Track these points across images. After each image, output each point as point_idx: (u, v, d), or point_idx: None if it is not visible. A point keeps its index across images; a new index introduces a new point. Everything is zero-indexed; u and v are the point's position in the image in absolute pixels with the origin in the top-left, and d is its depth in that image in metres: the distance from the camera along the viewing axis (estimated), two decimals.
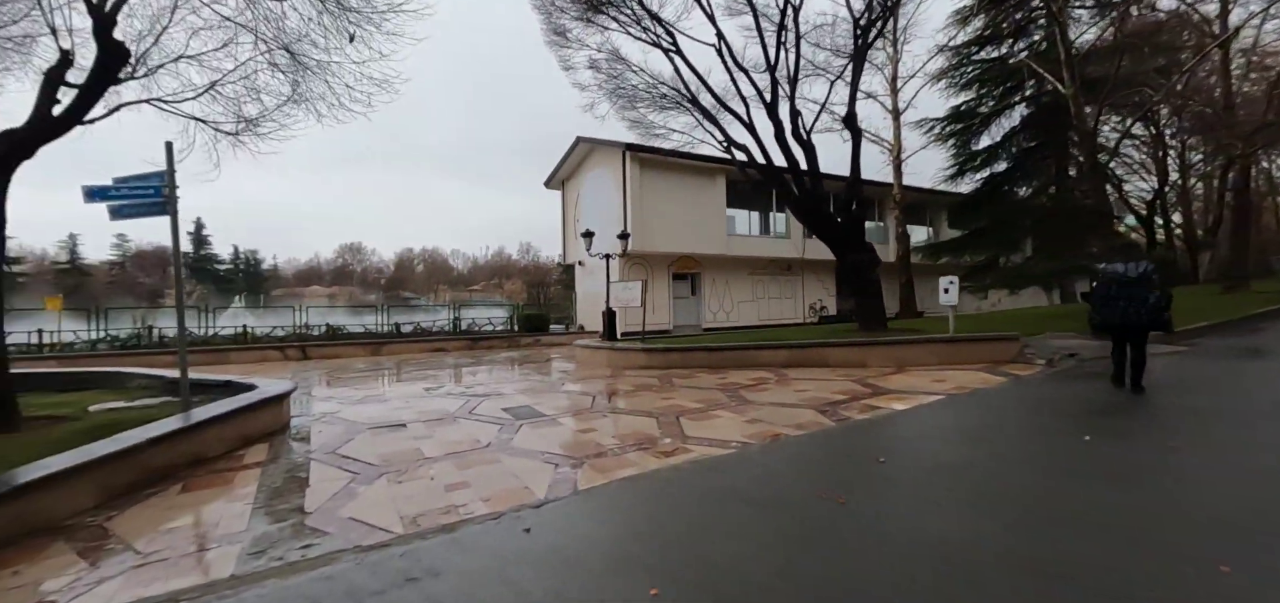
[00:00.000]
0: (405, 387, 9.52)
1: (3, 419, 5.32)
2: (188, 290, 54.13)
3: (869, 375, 8.64)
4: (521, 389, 8.79)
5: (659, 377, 9.58)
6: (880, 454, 4.57)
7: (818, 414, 6.32)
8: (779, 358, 10.03)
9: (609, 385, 8.94)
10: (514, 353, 16.48)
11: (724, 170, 20.67)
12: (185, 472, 5.00)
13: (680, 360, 10.53)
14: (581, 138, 20.46)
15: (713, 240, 20.62)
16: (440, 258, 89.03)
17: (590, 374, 10.46)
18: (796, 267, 23.98)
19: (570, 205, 23.39)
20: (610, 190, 19.74)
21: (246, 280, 71.02)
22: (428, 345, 16.63)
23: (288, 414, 6.70)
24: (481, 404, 7.59)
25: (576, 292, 22.81)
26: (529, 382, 9.72)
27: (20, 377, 8.44)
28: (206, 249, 71.67)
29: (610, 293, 13.06)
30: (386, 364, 13.70)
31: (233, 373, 12.37)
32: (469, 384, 9.62)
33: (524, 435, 5.85)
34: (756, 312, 22.93)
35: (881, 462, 4.38)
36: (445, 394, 8.49)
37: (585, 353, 12.50)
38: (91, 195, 5.24)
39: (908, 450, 4.74)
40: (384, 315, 18.12)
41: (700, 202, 20.37)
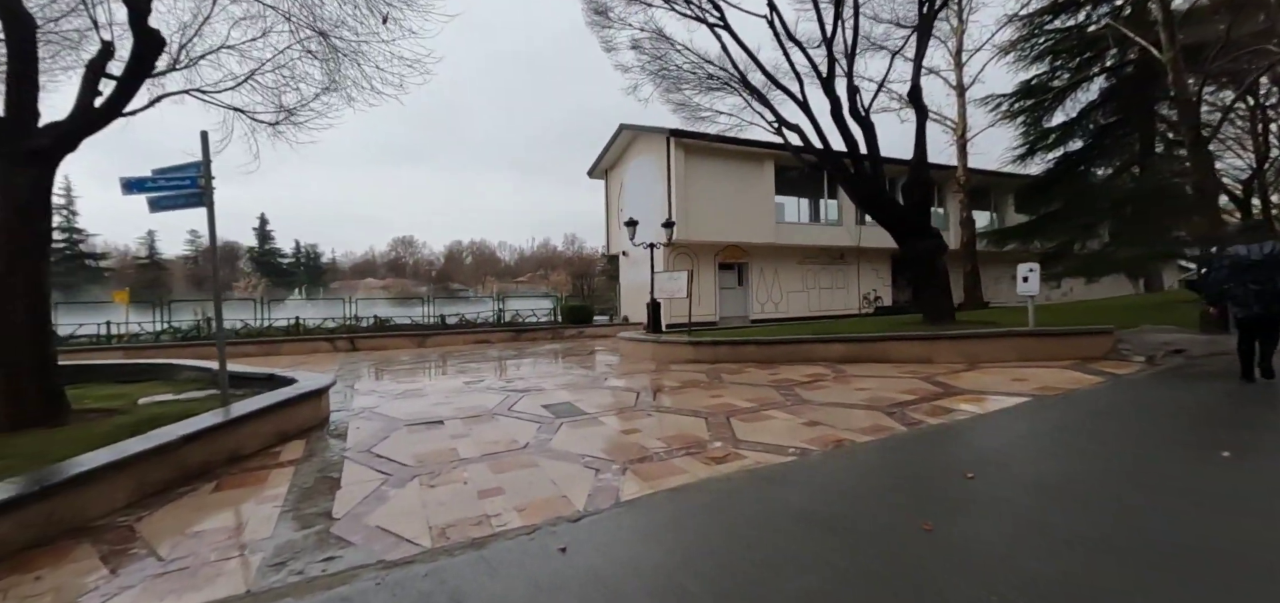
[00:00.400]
0: (446, 380, 9.38)
1: (52, 413, 5.35)
2: (253, 283, 56.65)
3: (937, 373, 7.90)
4: (563, 384, 8.48)
5: (706, 372, 9.09)
6: (966, 469, 3.96)
7: (884, 417, 5.71)
8: (836, 352, 9.37)
9: (654, 381, 8.52)
10: (557, 345, 16.29)
11: (772, 155, 19.84)
12: (221, 469, 4.88)
13: (729, 354, 10.01)
14: (624, 125, 20.04)
15: (761, 228, 19.86)
16: (488, 250, 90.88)
17: (634, 369, 10.08)
18: (849, 255, 22.90)
19: (613, 195, 23.03)
20: (654, 178, 19.26)
21: (306, 273, 74.38)
22: (472, 337, 16.65)
23: (326, 409, 6.59)
24: (521, 400, 7.31)
25: (620, 283, 22.49)
26: (571, 376, 9.42)
27: (88, 368, 8.75)
28: (270, 244, 75.18)
29: (655, 284, 12.63)
30: (431, 356, 13.73)
31: (284, 364, 12.63)
32: (510, 378, 9.40)
33: (564, 436, 5.50)
34: (807, 302, 22.03)
35: (970, 478, 3.78)
36: (485, 389, 8.27)
37: (629, 346, 12.13)
38: (129, 187, 5.19)
39: (998, 465, 4.11)
40: (430, 307, 18.28)
41: (747, 188, 19.63)
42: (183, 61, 6.40)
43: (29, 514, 3.57)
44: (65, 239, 61.40)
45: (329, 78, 6.73)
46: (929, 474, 3.99)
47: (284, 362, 12.94)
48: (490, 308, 19.43)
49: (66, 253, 60.97)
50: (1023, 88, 20.97)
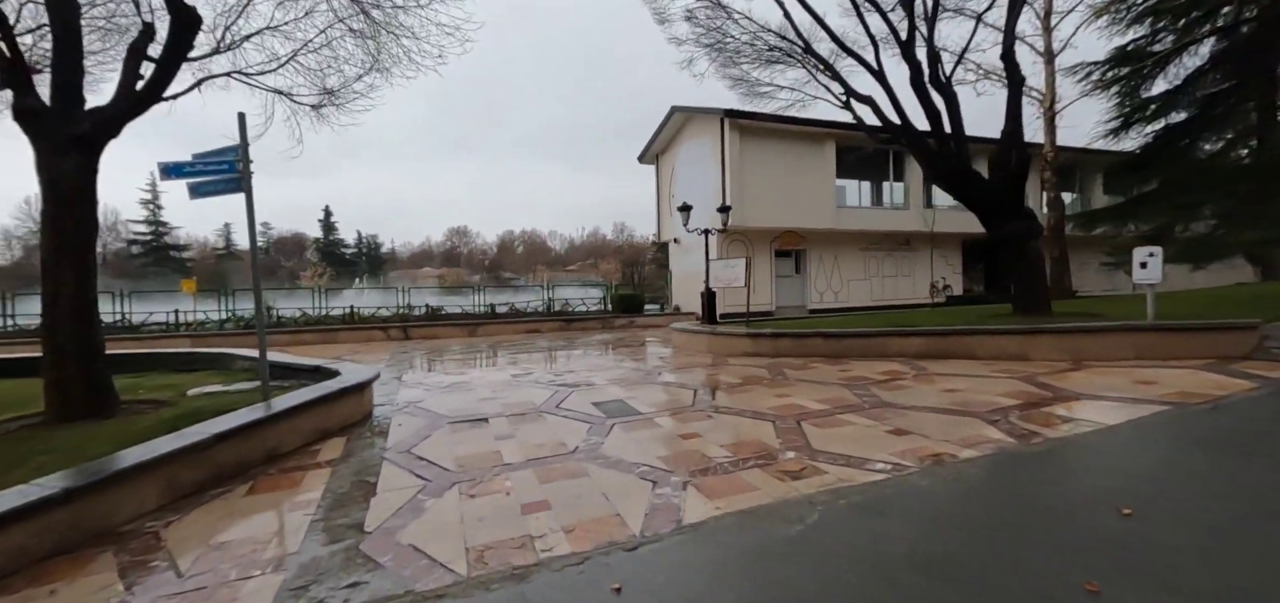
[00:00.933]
0: (494, 373, 9.07)
1: (99, 406, 5.26)
2: (319, 272, 59.19)
3: (1038, 372, 6.93)
4: (614, 379, 7.99)
5: (768, 367, 8.40)
6: (1116, 501, 3.19)
7: (986, 425, 4.91)
8: (913, 347, 8.47)
9: (711, 376, 7.91)
10: (607, 335, 15.88)
11: (833, 135, 18.69)
12: (258, 468, 4.63)
13: (792, 348, 9.27)
14: (676, 107, 19.33)
15: (820, 213, 18.78)
16: (539, 239, 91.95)
17: (689, 362, 9.49)
18: (916, 241, 21.46)
19: (664, 180, 22.39)
20: (707, 162, 18.50)
21: (368, 263, 77.31)
22: (522, 326, 16.48)
23: (369, 403, 6.33)
24: (570, 396, 6.86)
25: (671, 271, 21.89)
26: (622, 370, 8.92)
27: (152, 357, 8.93)
28: (335, 235, 78.42)
29: (710, 272, 11.97)
30: (480, 346, 13.57)
31: (341, 352, 12.73)
32: (559, 371, 9.00)
33: (616, 440, 4.99)
34: (869, 291, 20.79)
35: (1126, 515, 3.01)
36: (533, 383, 7.88)
37: (682, 337, 11.54)
38: (167, 172, 5.01)
39: (1155, 497, 3.30)
40: (480, 296, 18.25)
41: (806, 171, 18.58)
42: (226, 44, 6.21)
43: (53, 520, 3.34)
44: (151, 232, 66.14)
45: (371, 57, 6.42)
46: (1067, 507, 3.23)
47: (340, 350, 13.07)
48: (540, 297, 19.26)
49: (153, 245, 65.68)
50: (1118, 54, 18.89)
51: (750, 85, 11.96)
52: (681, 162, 20.61)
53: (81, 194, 5.20)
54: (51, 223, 5.04)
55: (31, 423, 5.10)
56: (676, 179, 20.94)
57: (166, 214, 66.48)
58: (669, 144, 21.52)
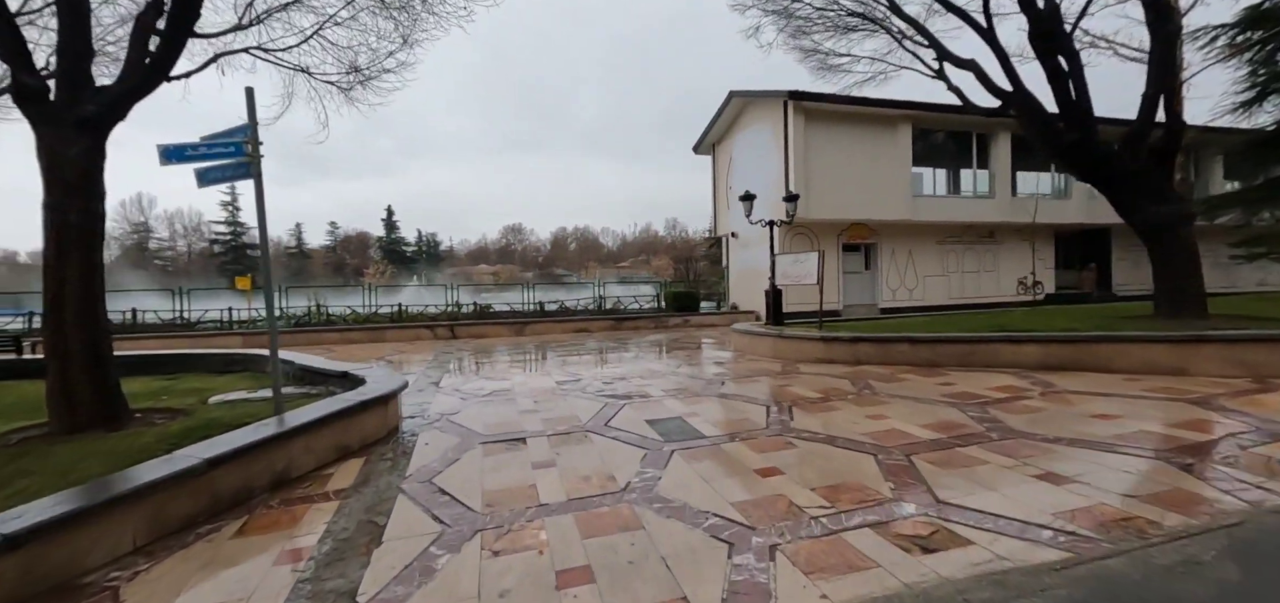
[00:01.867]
0: (539, 378, 8.29)
1: (106, 416, 4.76)
2: (380, 270, 60.99)
3: (1212, 394, 5.49)
4: (671, 390, 7.04)
5: (849, 378, 7.24)
6: None
7: (1180, 473, 3.66)
8: (1029, 356, 7.09)
9: (782, 388, 6.84)
10: (660, 336, 14.95)
11: (909, 116, 17.02)
12: (262, 496, 3.97)
13: (874, 354, 8.05)
14: (734, 92, 18.14)
15: (893, 203, 17.16)
16: (591, 236, 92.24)
17: (754, 369, 8.42)
18: (1001, 233, 19.42)
19: (721, 171, 21.20)
20: (768, 149, 17.23)
21: (427, 260, 79.48)
22: (571, 325, 15.79)
23: (396, 416, 5.64)
24: (621, 411, 5.96)
25: (728, 267, 20.71)
26: (679, 378, 7.97)
27: (191, 358, 8.68)
28: (396, 233, 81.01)
29: (775, 267, 10.82)
30: (527, 346, 12.92)
31: (387, 351, 12.38)
32: (609, 377, 8.13)
33: (677, 474, 4.04)
34: (947, 289, 18.95)
35: None
36: (579, 392, 7.03)
37: (744, 340, 10.47)
38: (168, 155, 4.43)
39: None
40: (530, 294, 17.68)
41: (878, 156, 17.00)
42: (248, 19, 5.64)
43: None
44: (230, 232, 70.32)
45: (401, 30, 5.72)
46: None
47: (387, 349, 12.74)
48: (590, 294, 18.53)
49: (231, 244, 69.79)
50: (1251, 14, 16.32)
51: (822, 57, 10.72)
52: (740, 150, 19.39)
53: (87, 181, 4.70)
54: (54, 214, 4.56)
55: (33, 435, 4.66)
56: (734, 169, 19.73)
57: (244, 215, 70.51)
58: (726, 132, 20.32)
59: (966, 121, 17.88)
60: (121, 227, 69.16)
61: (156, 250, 71.46)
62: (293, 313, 14.62)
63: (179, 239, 73.02)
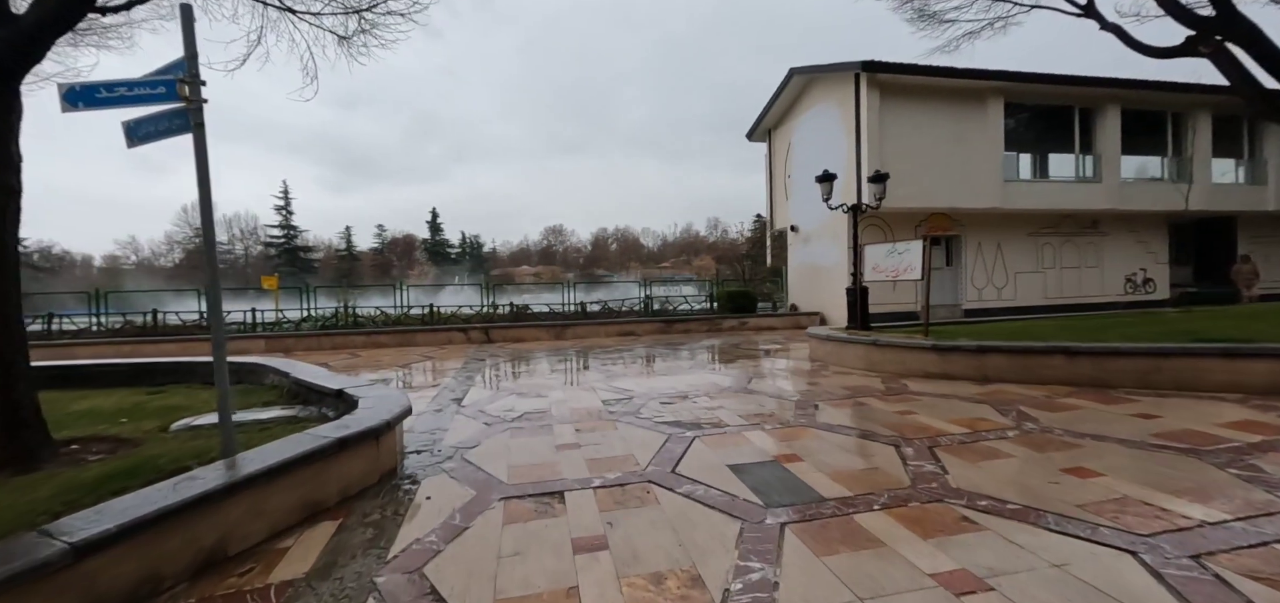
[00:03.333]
0: (581, 395, 6.82)
1: (16, 453, 3.54)
2: (424, 271, 61.24)
3: None
4: (750, 416, 5.45)
5: (989, 402, 5.49)
6: None
7: None
8: (1255, 376, 5.16)
9: (902, 417, 5.14)
10: (716, 340, 13.31)
11: (1000, 90, 14.82)
12: (167, 594, 2.61)
13: (1011, 369, 6.24)
14: (795, 69, 16.31)
15: (981, 189, 14.98)
16: (632, 237, 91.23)
17: (848, 386, 6.73)
18: (1105, 222, 16.90)
19: (778, 158, 19.33)
20: (834, 132, 15.34)
21: (470, 262, 79.94)
22: (615, 328, 14.33)
23: (394, 454, 4.24)
24: (691, 448, 4.41)
25: (787, 265, 18.83)
26: (756, 398, 6.36)
27: (186, 367, 7.60)
28: (440, 235, 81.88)
29: (864, 260, 9.05)
30: (568, 352, 11.53)
31: (414, 356, 11.21)
32: (666, 394, 6.60)
33: (802, 575, 2.46)
34: (1041, 287, 16.57)
35: None
36: (633, 417, 5.51)
37: (825, 347, 8.75)
38: (73, 98, 3.15)
39: None
40: (571, 294, 16.29)
41: (964, 136, 14.87)
42: None
43: None
44: (284, 236, 72.28)
45: None
46: None
47: (415, 354, 11.59)
48: (636, 294, 17.03)
49: (285, 247, 71.72)
50: None
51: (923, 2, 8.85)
52: (800, 134, 17.51)
53: None
54: None
55: None
56: (794, 156, 17.87)
57: (297, 219, 72.45)
58: (785, 115, 18.44)
59: (1066, 94, 15.53)
60: (184, 231, 72.14)
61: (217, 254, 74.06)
62: (320, 314, 13.69)
63: (237, 242, 75.58)
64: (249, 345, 11.93)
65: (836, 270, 15.53)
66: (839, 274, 15.44)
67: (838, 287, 15.50)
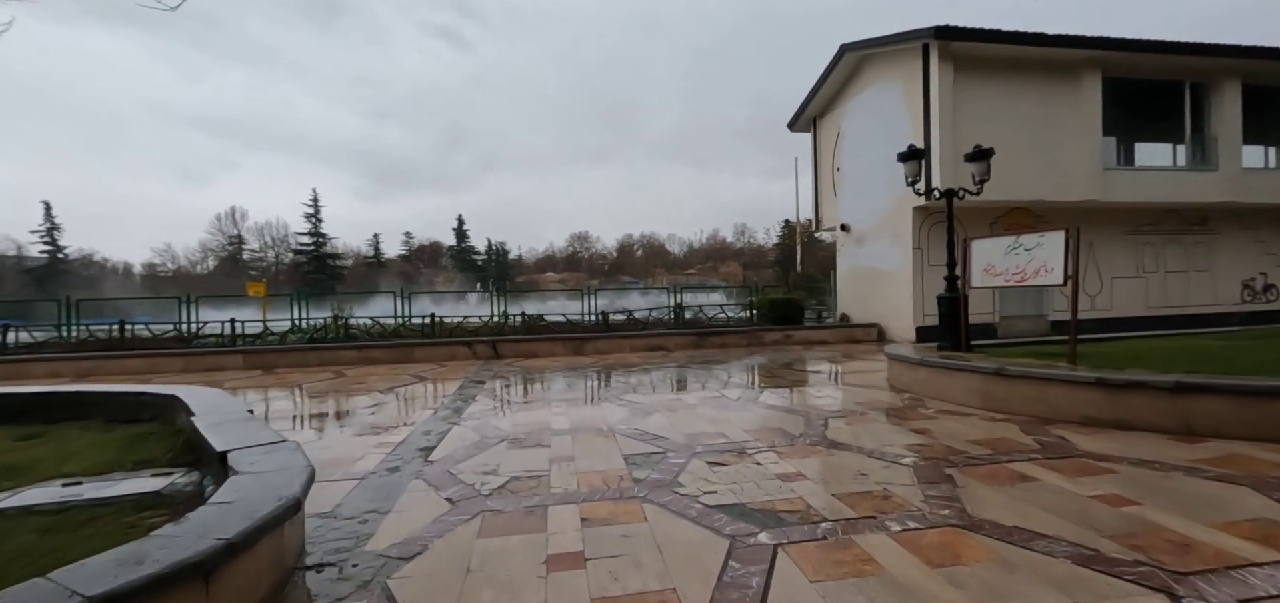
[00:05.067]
0: (596, 447, 4.96)
1: None
2: (450, 277, 60.39)
3: None
4: (851, 497, 3.53)
5: (1238, 475, 3.47)
6: None
7: None
8: None
9: (1117, 516, 3.13)
10: (760, 356, 11.34)
11: (1097, 61, 12.55)
12: None
13: (1234, 419, 4.17)
14: (848, 46, 14.26)
15: (1072, 179, 12.71)
16: (657, 243, 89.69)
17: (975, 440, 4.73)
18: (1216, 218, 14.38)
19: (825, 150, 17.20)
20: (896, 115, 13.25)
21: (496, 269, 79.19)
22: (642, 341, 12.48)
23: (277, 565, 2.43)
24: (773, 582, 2.49)
25: (837, 269, 16.69)
26: (848, 461, 4.42)
27: (98, 399, 6.02)
28: (466, 243, 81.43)
29: (971, 259, 7.00)
30: (587, 370, 9.72)
31: (416, 371, 9.55)
32: (711, 446, 4.72)
33: None
34: (1143, 295, 14.14)
35: None
36: (668, 497, 3.63)
37: (911, 374, 6.75)
38: None
39: None
40: (592, 301, 14.46)
41: (1053, 117, 12.63)
42: None
43: None
44: (313, 244, 72.54)
45: None
46: None
47: (410, 371, 9.94)
48: (665, 302, 15.14)
49: (314, 255, 71.96)
50: None
51: None
52: (852, 121, 15.41)
53: None
54: None
55: None
56: (844, 146, 15.78)
57: (331, 227, 72.82)
58: (833, 100, 16.33)
59: (1176, 67, 13.15)
60: (217, 239, 73.07)
61: (249, 261, 74.85)
62: (309, 326, 12.14)
63: (268, 250, 76.25)
64: (225, 361, 10.46)
65: (898, 276, 13.40)
66: (901, 280, 13.31)
67: (900, 294, 13.36)
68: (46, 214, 63.15)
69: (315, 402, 7.43)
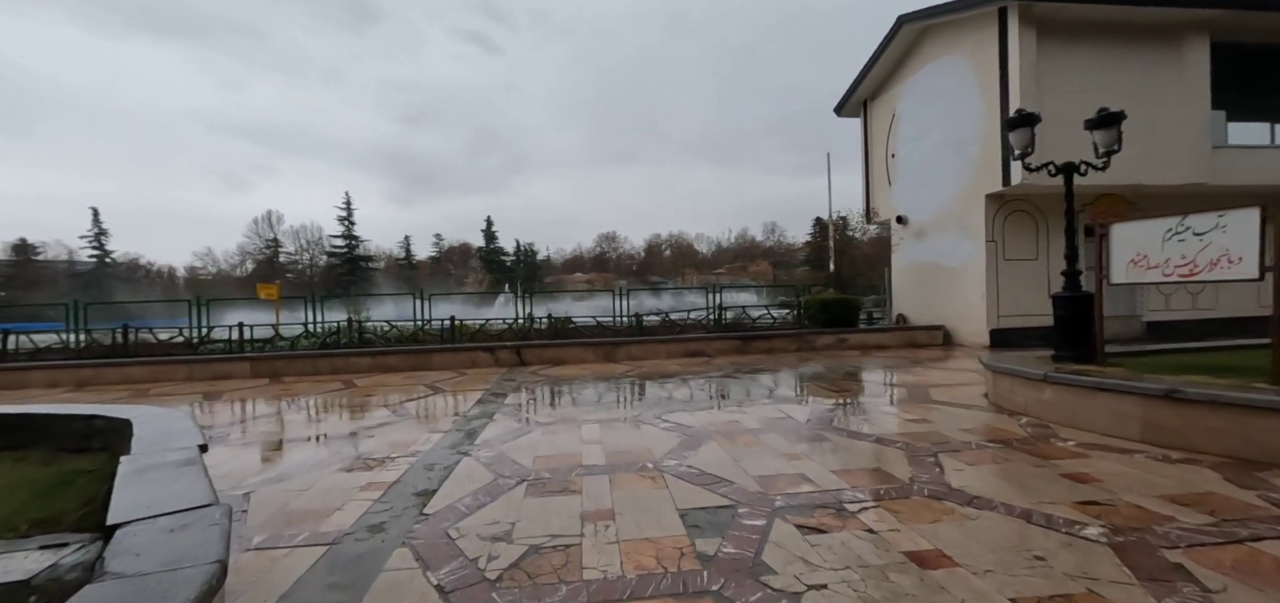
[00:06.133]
0: (640, 493, 3.84)
1: None
2: (479, 279, 59.95)
3: None
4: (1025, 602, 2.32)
5: None
6: None
7: None
8: None
9: None
10: (813, 363, 10.06)
11: (1206, 23, 10.89)
12: None
13: None
14: (907, 17, 12.82)
15: (1175, 159, 11.06)
16: (686, 242, 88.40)
17: (1133, 482, 3.46)
18: None
19: (877, 134, 15.71)
20: (964, 90, 11.80)
21: (524, 270, 78.94)
22: (679, 346, 11.32)
23: None
24: None
25: (891, 265, 15.24)
26: (983, 521, 3.22)
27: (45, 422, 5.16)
28: (495, 244, 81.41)
29: (1110, 250, 5.63)
30: (620, 383, 8.63)
31: (432, 380, 8.62)
32: (794, 501, 3.56)
33: None
34: (1254, 294, 12.33)
35: None
36: (754, 574, 2.49)
37: (1026, 393, 5.43)
38: None
39: None
40: (623, 302, 13.29)
41: (1151, 91, 11.01)
42: None
43: None
44: (346, 246, 73.40)
45: None
46: None
47: (427, 380, 9.01)
48: (702, 302, 13.92)
49: (347, 257, 72.79)
50: None
51: None
52: (910, 101, 13.96)
53: None
54: None
55: None
56: (900, 128, 14.33)
57: (365, 230, 73.61)
58: (888, 79, 14.87)
59: None
60: (254, 243, 74.51)
61: (286, 264, 76.17)
62: (321, 331, 11.28)
63: (303, 253, 77.44)
64: (232, 369, 9.71)
65: (967, 272, 11.94)
66: (970, 277, 11.84)
67: (969, 293, 11.89)
68: (94, 220, 65.43)
69: (311, 421, 6.50)
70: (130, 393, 8.61)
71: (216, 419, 6.62)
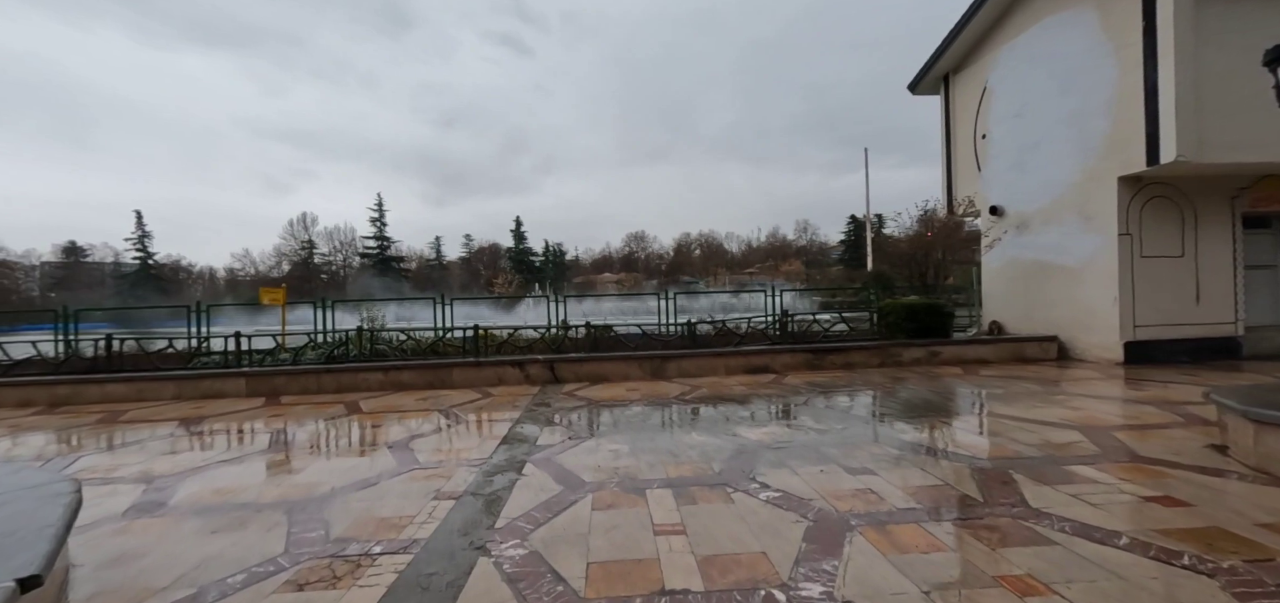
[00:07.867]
0: None
1: None
2: (508, 279, 59.12)
3: None
4: None
5: None
6: None
7: None
8: None
9: None
10: (916, 388, 8.16)
11: None
12: None
13: None
14: None
15: None
16: (716, 242, 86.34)
17: None
18: None
19: (962, 112, 13.56)
20: (1086, 53, 9.73)
21: (553, 270, 77.96)
22: (740, 360, 9.57)
23: None
24: None
25: (982, 267, 13.13)
26: None
27: None
28: (524, 244, 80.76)
29: None
30: (678, 406, 6.94)
31: (452, 403, 7.10)
32: None
33: None
34: None
35: None
36: None
37: None
38: None
39: None
40: (668, 304, 11.48)
41: None
42: None
43: None
44: (378, 247, 73.59)
45: None
46: None
47: (451, 399, 7.52)
48: (760, 303, 12.08)
49: (378, 257, 72.94)
50: None
51: None
52: (1006, 71, 11.86)
53: None
54: None
55: None
56: (993, 104, 12.24)
57: (398, 232, 73.79)
58: (976, 47, 12.75)
59: None
60: (290, 243, 75.28)
61: (320, 266, 76.80)
62: (330, 341, 9.82)
63: (336, 254, 77.99)
64: (225, 386, 8.37)
65: (1090, 272, 9.87)
66: (1096, 277, 9.77)
67: (1093, 296, 9.81)
68: (138, 222, 66.94)
69: (278, 470, 4.98)
70: (102, 416, 7.32)
71: (160, 467, 5.17)
